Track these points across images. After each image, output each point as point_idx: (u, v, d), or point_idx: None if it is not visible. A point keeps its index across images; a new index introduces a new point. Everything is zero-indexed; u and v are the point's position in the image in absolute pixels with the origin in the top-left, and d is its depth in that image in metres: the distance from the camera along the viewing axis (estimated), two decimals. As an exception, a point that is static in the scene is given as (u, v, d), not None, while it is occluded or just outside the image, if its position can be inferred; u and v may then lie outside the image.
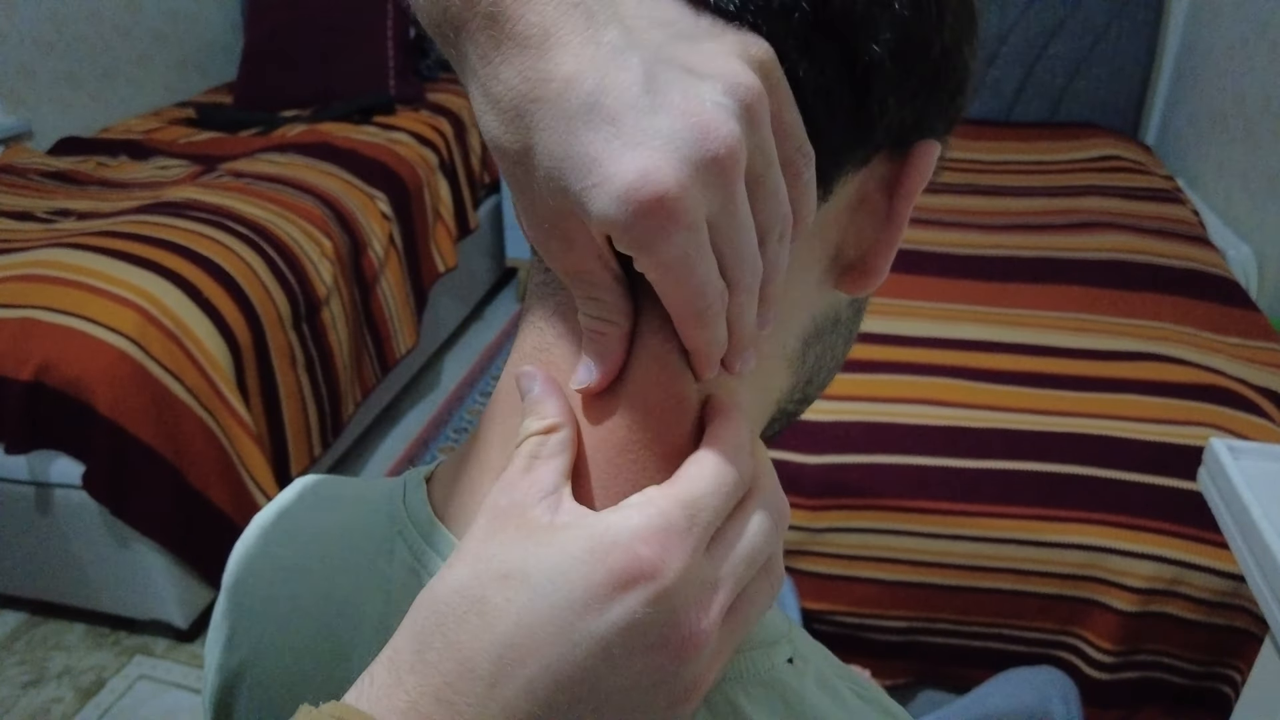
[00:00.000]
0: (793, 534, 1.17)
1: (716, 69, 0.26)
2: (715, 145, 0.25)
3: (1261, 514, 0.74)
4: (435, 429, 2.22)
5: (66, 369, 1.39)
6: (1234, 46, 2.08)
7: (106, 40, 2.49)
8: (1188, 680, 1.12)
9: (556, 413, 0.31)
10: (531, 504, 0.29)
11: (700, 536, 0.28)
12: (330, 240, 1.86)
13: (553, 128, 0.26)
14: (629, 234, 0.26)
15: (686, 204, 0.25)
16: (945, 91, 0.32)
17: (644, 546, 0.27)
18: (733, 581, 0.29)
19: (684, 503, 0.28)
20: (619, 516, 0.28)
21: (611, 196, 0.25)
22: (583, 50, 0.26)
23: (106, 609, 1.61)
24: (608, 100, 0.25)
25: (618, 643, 0.26)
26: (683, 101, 0.25)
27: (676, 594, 0.27)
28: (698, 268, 0.27)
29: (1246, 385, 1.31)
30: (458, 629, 0.27)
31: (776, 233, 0.29)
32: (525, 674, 0.26)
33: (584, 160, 0.26)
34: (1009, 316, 1.50)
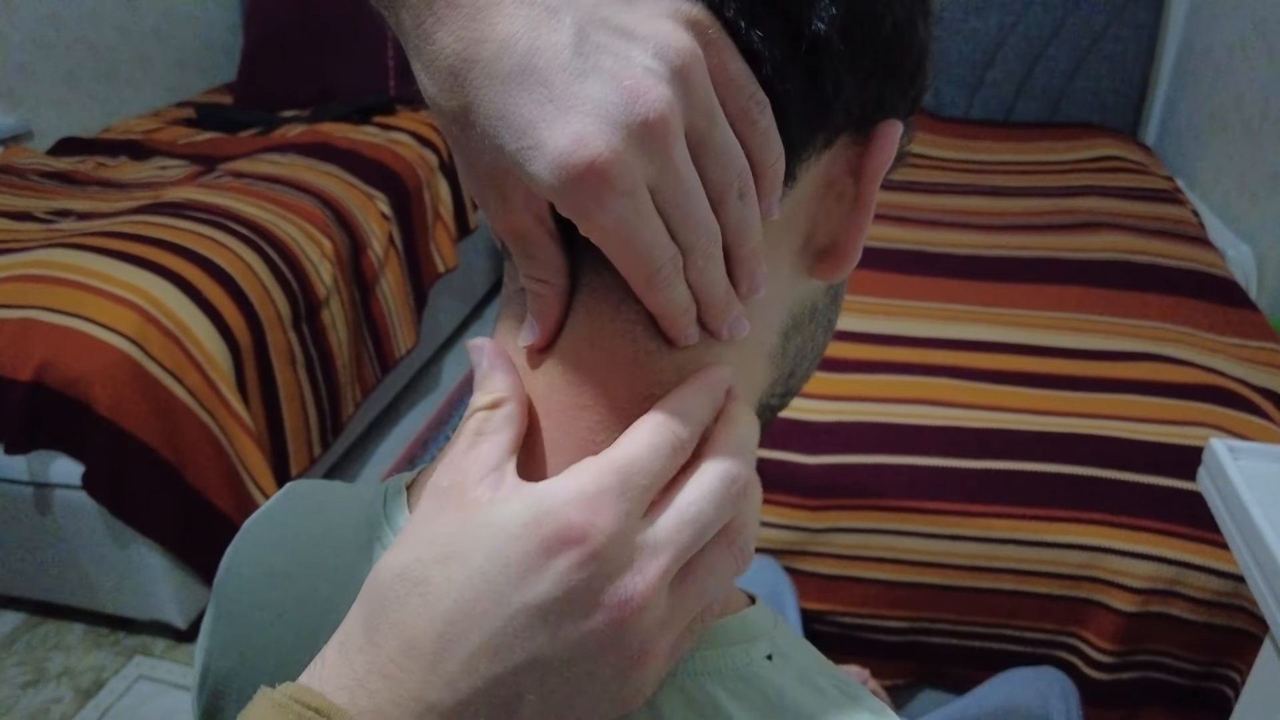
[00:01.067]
0: (793, 534, 1.17)
1: (648, 30, 0.26)
2: (645, 109, 0.25)
3: (1261, 514, 0.74)
4: (435, 429, 2.22)
5: (66, 369, 1.39)
6: (1233, 47, 2.08)
7: (106, 40, 2.49)
8: (1187, 680, 1.12)
9: (504, 387, 0.31)
10: (473, 483, 0.29)
11: (635, 499, 0.28)
12: (330, 240, 1.86)
13: (487, 89, 0.26)
14: (565, 200, 0.27)
15: (619, 170, 0.26)
16: (903, 70, 0.32)
17: (574, 511, 0.27)
18: (675, 546, 0.28)
19: (617, 467, 0.28)
20: (552, 485, 0.28)
21: (546, 163, 0.26)
22: (516, 10, 0.26)
23: (106, 609, 1.61)
24: (539, 62, 0.26)
25: (554, 610, 0.27)
26: (613, 65, 0.26)
27: (607, 556, 0.27)
28: (640, 232, 0.27)
29: (1246, 385, 1.31)
30: (400, 609, 0.28)
31: (735, 190, 0.29)
32: (466, 649, 0.27)
33: (518, 123, 0.26)
34: (1009, 317, 1.50)
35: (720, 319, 0.31)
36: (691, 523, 0.29)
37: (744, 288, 0.31)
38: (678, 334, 0.31)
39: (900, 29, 0.31)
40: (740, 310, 0.31)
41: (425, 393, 2.36)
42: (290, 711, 0.27)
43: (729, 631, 0.33)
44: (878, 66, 0.31)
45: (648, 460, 0.29)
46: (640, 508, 0.28)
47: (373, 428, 2.18)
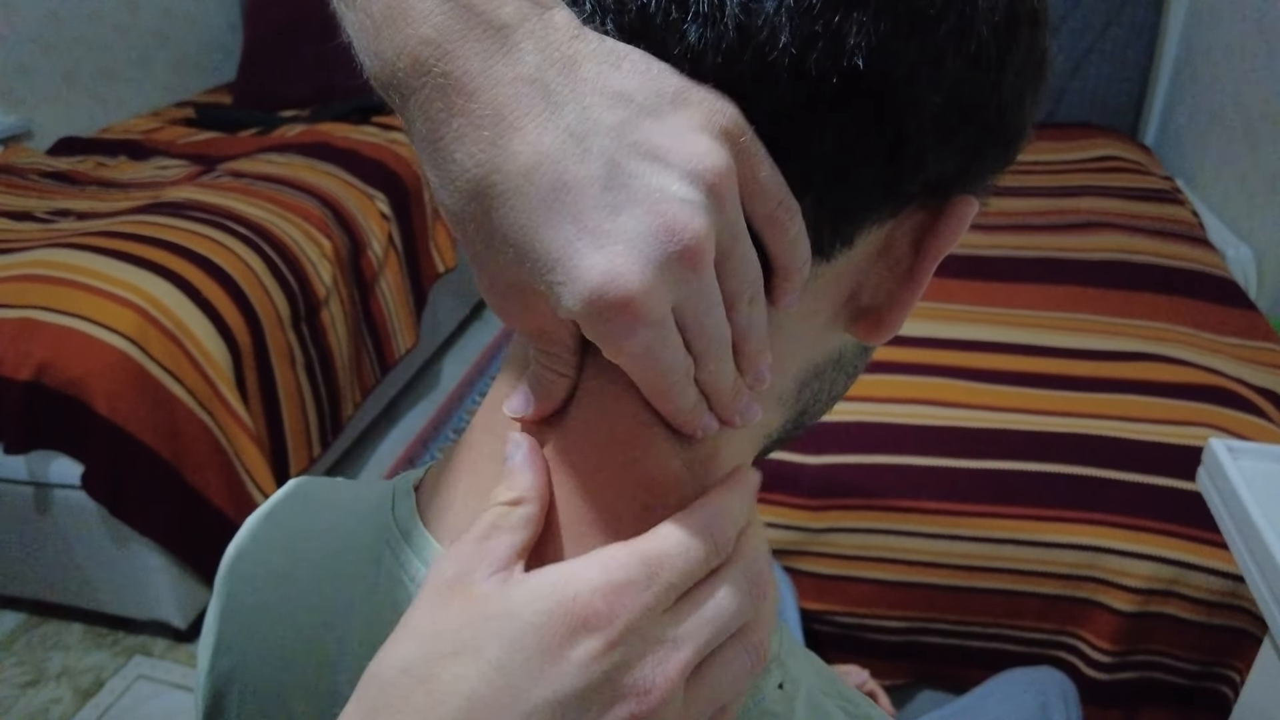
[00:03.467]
0: (792, 534, 1.17)
1: (681, 152, 0.25)
2: (681, 242, 0.25)
3: (1261, 514, 0.74)
4: (435, 429, 2.22)
5: (65, 369, 1.39)
6: (1233, 47, 2.08)
7: (106, 40, 2.49)
8: (1187, 680, 1.12)
9: (528, 486, 0.30)
10: (481, 577, 0.28)
11: (659, 594, 0.27)
12: (330, 240, 1.86)
13: (513, 216, 0.26)
14: (594, 331, 0.26)
15: (652, 303, 0.25)
16: (996, 150, 0.30)
17: (598, 599, 0.26)
18: (695, 643, 0.28)
19: (646, 559, 0.27)
20: (574, 569, 0.27)
21: (577, 296, 0.25)
22: (540, 137, 0.25)
23: (105, 609, 1.61)
24: (569, 197, 0.25)
25: (573, 704, 0.26)
26: (647, 196, 0.25)
27: (630, 645, 0.26)
28: (663, 355, 0.27)
29: (1246, 385, 1.31)
30: (406, 708, 0.26)
31: (746, 297, 0.28)
32: None
33: (547, 255, 0.25)
34: (1008, 316, 1.50)
35: (730, 410, 0.31)
36: (712, 622, 0.28)
37: (749, 380, 0.30)
38: (691, 430, 0.30)
39: (1004, 110, 0.29)
40: (750, 396, 0.31)
41: (425, 393, 2.36)
42: None
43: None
44: (970, 143, 0.29)
45: (680, 559, 0.28)
46: (664, 604, 0.27)
47: (372, 428, 2.18)
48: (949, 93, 0.27)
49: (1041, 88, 0.30)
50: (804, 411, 0.36)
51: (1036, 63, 0.29)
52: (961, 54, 0.26)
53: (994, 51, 0.27)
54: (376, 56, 0.27)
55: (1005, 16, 0.27)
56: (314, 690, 0.36)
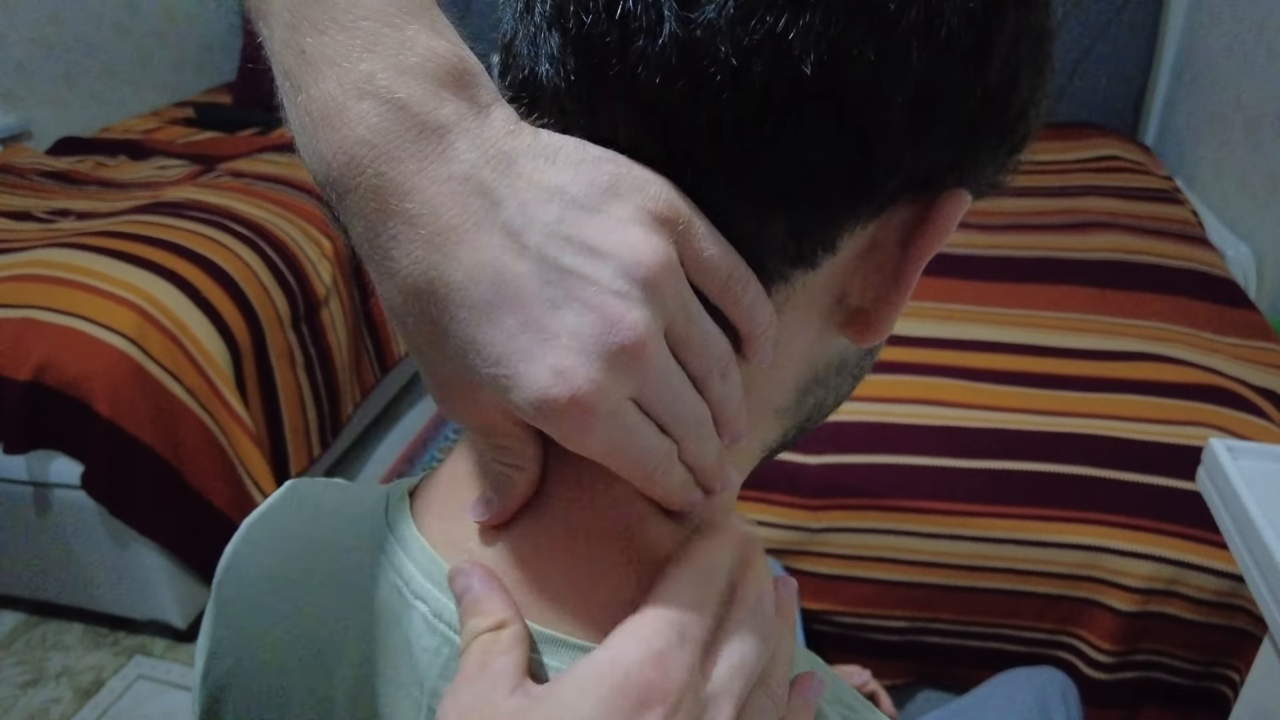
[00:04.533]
0: (792, 534, 1.17)
1: (614, 245, 0.25)
2: (623, 336, 0.25)
3: (1260, 514, 0.74)
4: (434, 429, 2.22)
5: (65, 369, 1.39)
6: (1232, 47, 2.08)
7: (105, 40, 2.49)
8: (1187, 680, 1.12)
9: (503, 610, 0.30)
10: (500, 698, 0.27)
11: (693, 653, 0.27)
12: (329, 240, 1.86)
13: (455, 317, 0.26)
14: (551, 430, 0.26)
15: (600, 398, 0.25)
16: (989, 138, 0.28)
17: (650, 670, 0.26)
18: (732, 695, 0.28)
19: (671, 622, 0.27)
20: (617, 649, 0.27)
21: (526, 396, 0.25)
22: (478, 238, 0.25)
23: (105, 609, 1.61)
24: (508, 294, 0.25)
25: None
26: (583, 291, 0.25)
27: (687, 709, 0.26)
28: (631, 444, 0.27)
29: (1245, 385, 1.31)
30: None
31: (716, 374, 0.28)
32: None
33: (492, 354, 0.26)
34: (1008, 316, 1.50)
35: (713, 480, 0.31)
36: (739, 670, 0.28)
37: (726, 440, 0.30)
38: (682, 508, 0.31)
39: (991, 96, 0.27)
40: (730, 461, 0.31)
41: (424, 392, 2.36)
42: None
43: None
44: (955, 137, 0.27)
45: (697, 615, 0.28)
46: (699, 662, 0.27)
47: (372, 428, 2.18)
48: (917, 88, 0.25)
49: (1044, 69, 0.29)
50: (808, 419, 0.36)
51: (1032, 44, 0.28)
52: (929, 48, 0.25)
53: (970, 40, 0.25)
54: (315, 155, 0.27)
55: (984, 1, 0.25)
56: (310, 695, 0.36)
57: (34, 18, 2.26)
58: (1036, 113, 0.30)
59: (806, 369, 0.33)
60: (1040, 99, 0.29)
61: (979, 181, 0.30)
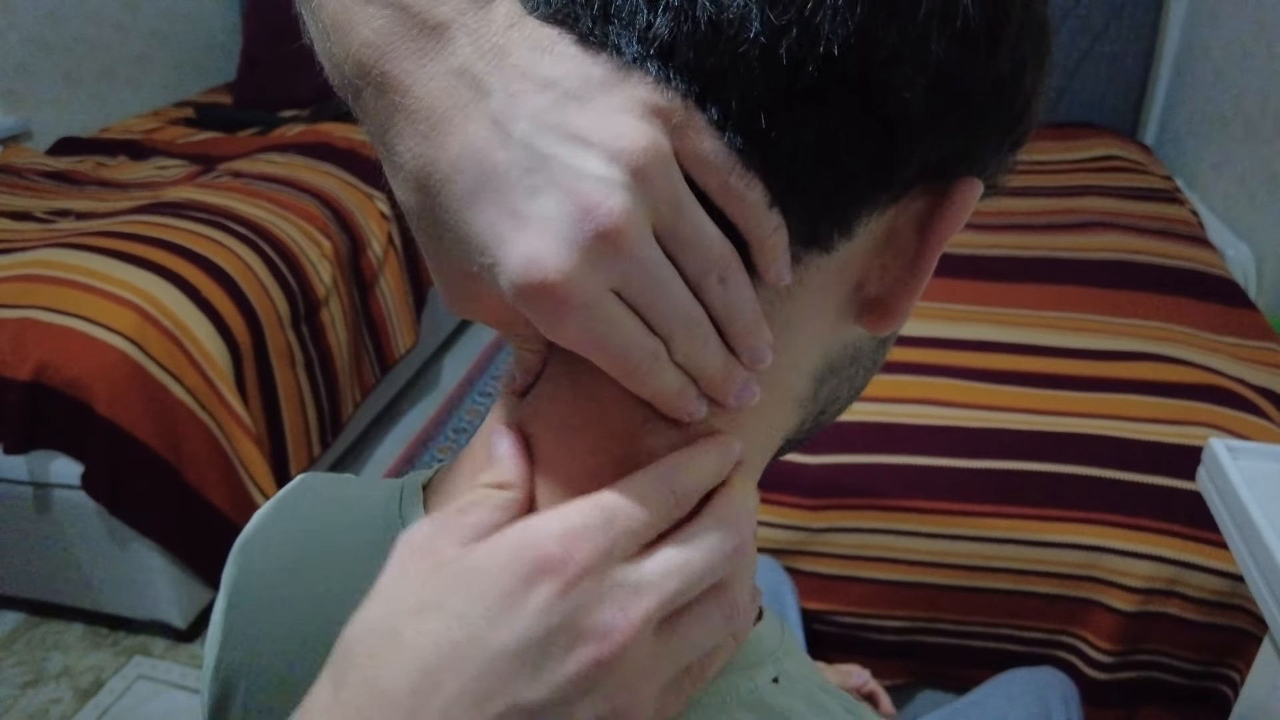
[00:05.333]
0: (792, 534, 1.17)
1: (601, 133, 0.25)
2: (596, 223, 0.25)
3: (1260, 514, 0.74)
4: (434, 429, 2.22)
5: (65, 369, 1.39)
6: (1232, 47, 2.08)
7: (105, 40, 2.49)
8: (1187, 680, 1.12)
9: (514, 474, 0.31)
10: (447, 544, 0.28)
11: (618, 540, 0.27)
12: (329, 240, 1.86)
13: (448, 205, 0.27)
14: (528, 314, 0.26)
15: (572, 287, 0.25)
16: (997, 127, 0.29)
17: (553, 543, 0.27)
18: (659, 592, 0.27)
19: (604, 505, 0.28)
20: (532, 520, 0.28)
21: (505, 282, 0.26)
22: (466, 127, 0.26)
23: (105, 609, 1.61)
24: (492, 182, 0.25)
25: (534, 648, 0.26)
26: (564, 177, 0.25)
27: (587, 589, 0.26)
28: (609, 337, 0.27)
29: (1245, 385, 1.31)
30: (369, 664, 0.26)
31: (713, 276, 0.27)
32: (442, 698, 0.25)
33: (479, 241, 0.26)
34: (1008, 316, 1.50)
35: (722, 391, 0.30)
36: (678, 571, 0.28)
37: (745, 360, 0.30)
38: (677, 414, 0.30)
39: (1001, 85, 0.28)
40: (747, 378, 0.30)
41: (425, 392, 2.36)
42: None
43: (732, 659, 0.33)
44: (966, 124, 0.28)
45: (637, 506, 0.28)
46: (623, 550, 0.27)
47: (372, 428, 2.18)
48: (936, 74, 0.26)
49: (1045, 61, 0.30)
50: (823, 410, 0.36)
51: (1035, 36, 0.28)
52: (946, 34, 0.26)
53: (983, 28, 0.26)
54: (330, 60, 0.28)
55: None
56: None
57: (34, 18, 2.26)
58: (1038, 106, 0.30)
59: (822, 357, 0.33)
60: (1041, 92, 0.30)
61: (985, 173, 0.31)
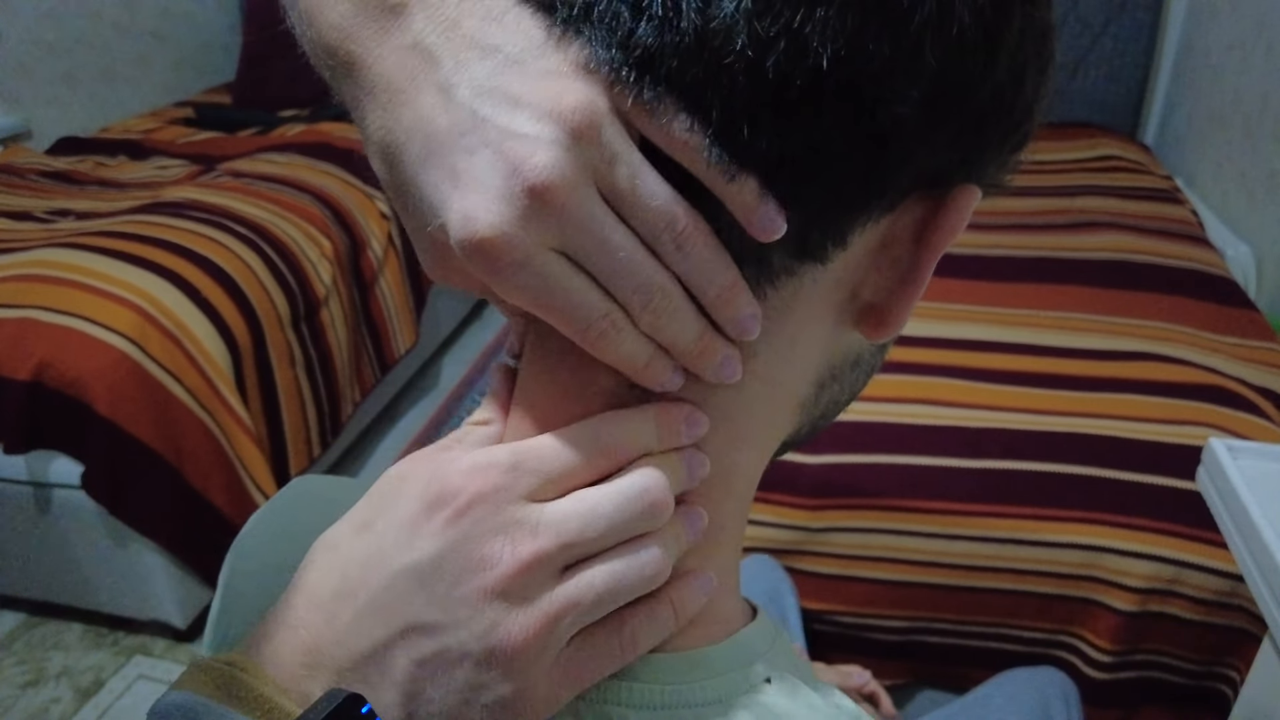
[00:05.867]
0: (792, 534, 1.17)
1: (535, 94, 0.25)
2: (524, 179, 0.25)
3: (1260, 514, 0.74)
4: (434, 429, 2.22)
5: (65, 369, 1.39)
6: (1232, 47, 2.08)
7: (105, 40, 2.49)
8: (1187, 680, 1.12)
9: (491, 410, 0.34)
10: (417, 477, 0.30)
11: (522, 479, 0.28)
12: (329, 240, 1.86)
13: (404, 175, 0.28)
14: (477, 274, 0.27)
15: (505, 243, 0.25)
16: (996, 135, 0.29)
17: (458, 476, 0.28)
18: (557, 533, 0.28)
19: (514, 448, 0.29)
20: (450, 456, 0.30)
21: (453, 241, 0.26)
22: (418, 97, 0.27)
23: (105, 609, 1.61)
24: (437, 144, 0.26)
25: (429, 570, 0.28)
26: (497, 137, 0.25)
27: (477, 518, 0.28)
28: (552, 296, 0.27)
29: (1245, 385, 1.31)
30: (311, 570, 0.30)
31: (667, 238, 0.27)
32: (355, 606, 0.28)
33: (430, 202, 0.27)
34: (1007, 316, 1.50)
35: (698, 365, 0.29)
36: (582, 516, 0.28)
37: (729, 332, 0.29)
38: (648, 384, 0.30)
39: (1000, 92, 0.27)
40: (728, 353, 0.29)
41: (424, 392, 2.36)
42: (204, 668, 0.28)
43: (723, 658, 0.33)
44: (964, 132, 0.27)
45: (550, 450, 0.29)
46: (526, 489, 0.28)
47: (372, 427, 2.18)
48: (931, 84, 0.25)
49: (1047, 65, 0.29)
50: (823, 414, 0.36)
51: (1036, 40, 0.28)
52: (941, 43, 0.25)
53: (980, 35, 0.26)
54: (307, 44, 0.30)
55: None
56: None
57: (34, 18, 2.26)
58: (1039, 110, 0.30)
59: (825, 364, 0.33)
60: (1044, 96, 0.30)
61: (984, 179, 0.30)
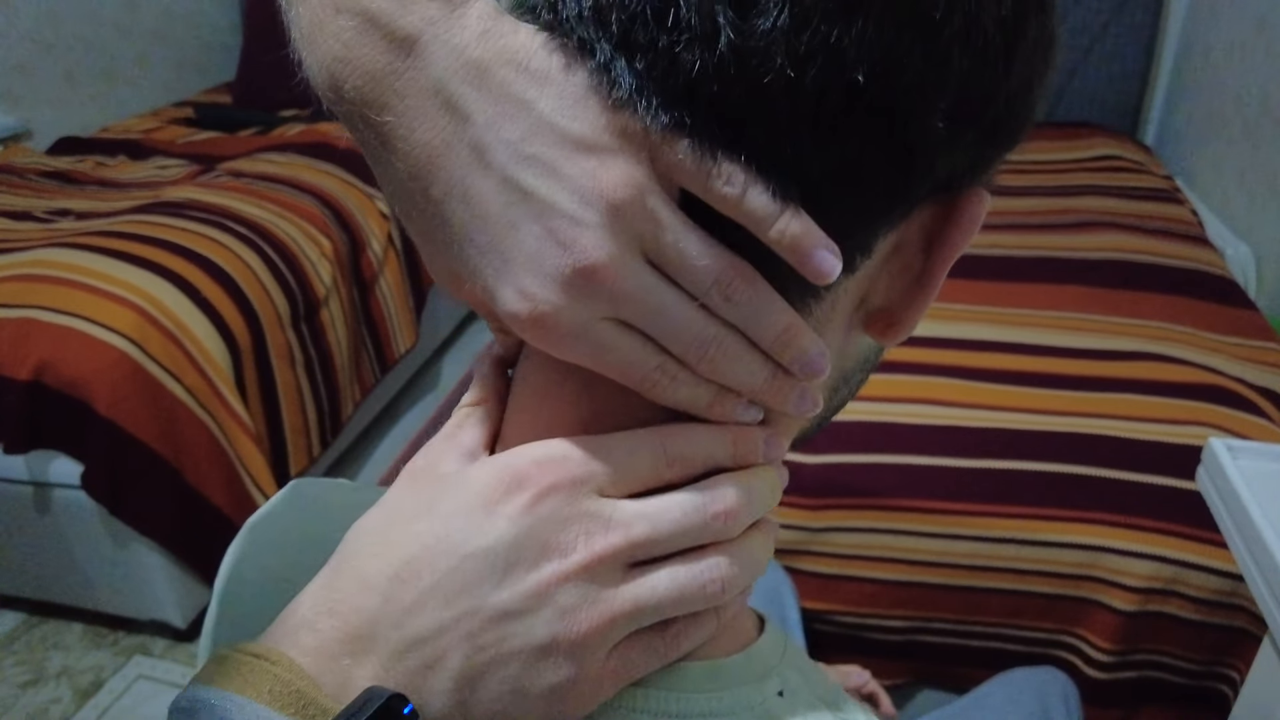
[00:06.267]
0: (792, 533, 1.17)
1: (576, 168, 0.25)
2: (577, 260, 0.25)
3: (1260, 513, 0.74)
4: (434, 429, 2.21)
5: (65, 369, 1.39)
6: (1232, 46, 2.08)
7: (105, 40, 2.49)
8: (1187, 680, 1.12)
9: (489, 389, 0.33)
10: (446, 464, 0.30)
11: (594, 477, 0.28)
12: (329, 240, 1.86)
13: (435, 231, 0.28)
14: (525, 339, 0.28)
15: (561, 319, 0.26)
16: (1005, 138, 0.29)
17: (533, 465, 0.28)
18: (627, 531, 0.28)
19: (589, 445, 0.29)
20: (521, 447, 0.29)
21: (500, 310, 0.27)
22: (449, 156, 0.26)
23: (105, 609, 1.61)
24: (476, 215, 0.26)
25: (501, 553, 0.27)
26: (541, 214, 0.25)
27: (554, 505, 0.28)
28: (606, 357, 0.27)
29: (1245, 385, 1.31)
30: (359, 557, 0.29)
31: (717, 294, 0.27)
32: (417, 588, 0.27)
33: (469, 269, 0.27)
34: (1007, 316, 1.50)
35: (775, 402, 0.30)
36: (650, 517, 0.28)
37: (796, 370, 0.29)
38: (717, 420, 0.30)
39: (1013, 100, 0.28)
40: (802, 389, 0.30)
41: (424, 392, 2.36)
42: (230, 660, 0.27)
43: (738, 670, 0.33)
44: (979, 141, 0.28)
45: (622, 453, 0.29)
46: (597, 485, 0.28)
47: (372, 427, 2.18)
48: (956, 94, 0.26)
49: (1049, 72, 0.29)
50: (830, 413, 0.37)
51: (1044, 48, 0.28)
52: (968, 54, 0.25)
53: (1001, 45, 0.26)
54: (307, 69, 0.28)
55: (1013, 8, 0.26)
56: None
57: (34, 18, 2.26)
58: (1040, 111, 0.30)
59: (838, 367, 0.33)
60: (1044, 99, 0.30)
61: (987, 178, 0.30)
